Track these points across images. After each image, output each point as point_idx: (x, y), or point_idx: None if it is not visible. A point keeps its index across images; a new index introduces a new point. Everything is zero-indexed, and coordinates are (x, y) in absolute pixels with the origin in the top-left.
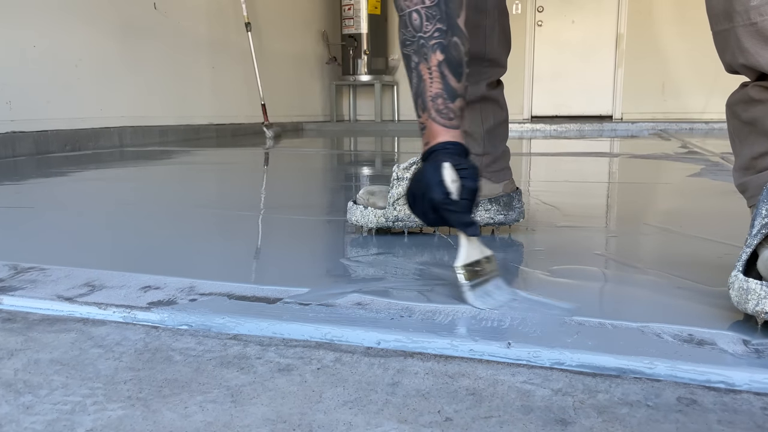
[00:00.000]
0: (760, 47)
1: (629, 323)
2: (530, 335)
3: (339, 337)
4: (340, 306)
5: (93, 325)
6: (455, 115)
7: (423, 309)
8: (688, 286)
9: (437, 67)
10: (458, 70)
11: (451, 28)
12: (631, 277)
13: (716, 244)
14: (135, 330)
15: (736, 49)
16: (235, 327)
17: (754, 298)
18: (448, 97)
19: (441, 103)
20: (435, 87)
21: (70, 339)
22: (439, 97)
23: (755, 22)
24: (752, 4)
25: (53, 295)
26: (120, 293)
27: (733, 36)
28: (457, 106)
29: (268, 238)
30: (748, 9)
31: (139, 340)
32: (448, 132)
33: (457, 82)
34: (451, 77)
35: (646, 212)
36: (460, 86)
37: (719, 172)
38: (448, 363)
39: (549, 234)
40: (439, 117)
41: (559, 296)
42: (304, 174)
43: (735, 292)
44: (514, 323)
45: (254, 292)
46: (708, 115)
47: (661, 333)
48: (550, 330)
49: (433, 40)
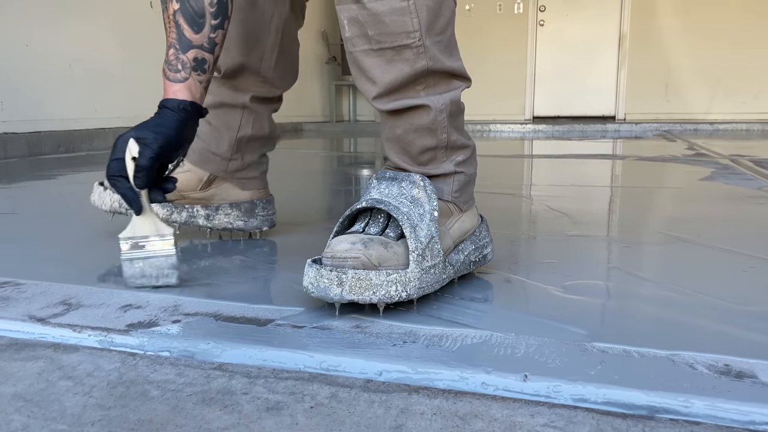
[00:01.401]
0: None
1: (657, 351)
2: (548, 365)
3: (335, 366)
4: (338, 329)
5: (65, 352)
6: (183, 66)
7: (428, 333)
8: (718, 306)
9: (173, 15)
10: (197, 20)
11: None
12: (653, 295)
13: (739, 256)
14: (110, 358)
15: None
16: (221, 354)
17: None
18: (181, 47)
19: (171, 54)
20: (170, 37)
21: (38, 368)
22: (171, 47)
23: (351, 52)
24: (347, 36)
25: (25, 315)
26: (98, 313)
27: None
28: (189, 57)
29: (261, 248)
30: (346, 39)
31: (114, 370)
32: (172, 86)
33: (194, 33)
34: (186, 27)
35: (660, 219)
36: (198, 37)
37: (731, 176)
38: (458, 400)
39: (559, 244)
40: (167, 69)
41: (576, 317)
42: (303, 176)
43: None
44: (529, 350)
45: (243, 312)
46: (712, 116)
47: (694, 363)
48: (571, 359)
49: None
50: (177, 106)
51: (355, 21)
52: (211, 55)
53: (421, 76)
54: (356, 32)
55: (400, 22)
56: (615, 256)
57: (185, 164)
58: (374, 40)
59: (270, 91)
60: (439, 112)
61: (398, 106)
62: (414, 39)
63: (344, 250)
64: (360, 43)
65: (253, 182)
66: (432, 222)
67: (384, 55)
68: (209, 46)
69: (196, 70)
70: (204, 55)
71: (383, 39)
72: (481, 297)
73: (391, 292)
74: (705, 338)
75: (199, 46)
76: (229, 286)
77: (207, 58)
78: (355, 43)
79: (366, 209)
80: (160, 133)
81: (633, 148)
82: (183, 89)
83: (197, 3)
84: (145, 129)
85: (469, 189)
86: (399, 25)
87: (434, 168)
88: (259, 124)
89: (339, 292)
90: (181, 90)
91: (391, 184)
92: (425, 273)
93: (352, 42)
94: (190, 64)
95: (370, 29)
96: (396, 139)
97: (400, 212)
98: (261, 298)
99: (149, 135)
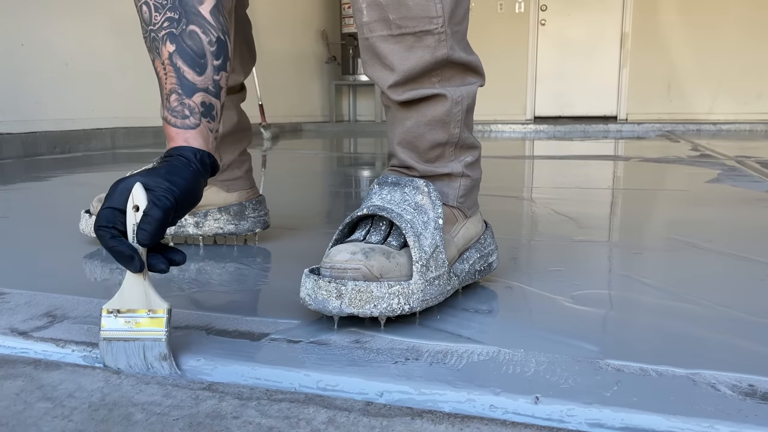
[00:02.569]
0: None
1: (676, 370)
2: (560, 386)
3: (333, 386)
4: (336, 344)
5: (45, 369)
6: (192, 112)
7: (432, 349)
8: (738, 319)
9: (169, 59)
10: (198, 61)
11: (185, 16)
12: (668, 307)
13: (754, 264)
14: (93, 376)
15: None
16: (212, 372)
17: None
18: (184, 92)
19: (174, 100)
20: (169, 82)
21: (16, 388)
22: (173, 93)
23: (367, 38)
24: (364, 21)
25: (6, 328)
26: (83, 326)
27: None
28: (196, 101)
29: (256, 255)
30: (362, 25)
31: (96, 390)
32: (182, 134)
33: (197, 75)
34: (187, 69)
35: (668, 224)
36: (201, 80)
37: (738, 178)
38: (465, 425)
39: (566, 250)
40: (172, 116)
41: (587, 330)
42: (302, 178)
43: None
44: (539, 369)
45: (236, 324)
46: (715, 116)
47: (716, 383)
48: (584, 379)
49: (162, 31)
50: (194, 155)
51: (376, 4)
52: (218, 101)
53: (439, 66)
54: (375, 16)
55: (424, 6)
56: (625, 263)
57: None
58: (395, 25)
59: (232, 79)
60: (455, 103)
61: (413, 96)
62: (437, 25)
63: (344, 260)
64: (378, 29)
65: (238, 183)
66: (437, 230)
67: (404, 41)
68: (215, 89)
69: (205, 116)
70: (211, 99)
71: (405, 24)
72: (486, 308)
73: (393, 305)
74: (726, 355)
75: (204, 89)
76: (222, 295)
77: (214, 103)
78: (372, 29)
79: (367, 216)
80: (176, 183)
81: (636, 149)
82: (197, 136)
83: (195, 43)
84: (155, 176)
85: (474, 194)
86: (423, 9)
87: (441, 166)
88: (230, 118)
89: (338, 305)
90: (195, 137)
91: (394, 189)
92: (429, 284)
93: (369, 27)
94: (198, 109)
95: (392, 13)
96: (405, 132)
97: (403, 220)
98: (255, 309)
99: (162, 184)
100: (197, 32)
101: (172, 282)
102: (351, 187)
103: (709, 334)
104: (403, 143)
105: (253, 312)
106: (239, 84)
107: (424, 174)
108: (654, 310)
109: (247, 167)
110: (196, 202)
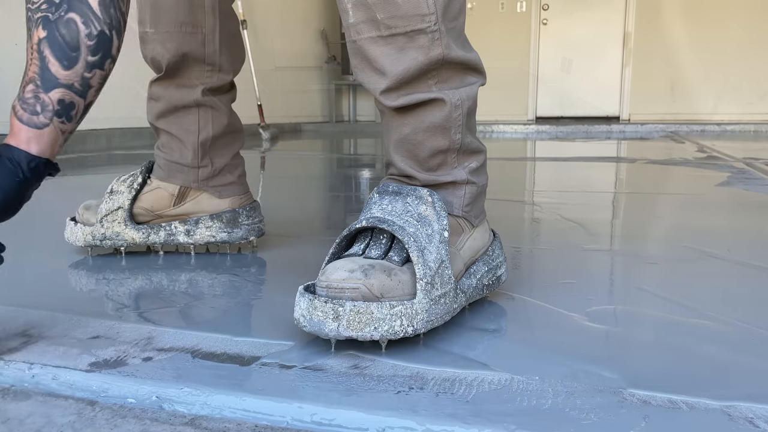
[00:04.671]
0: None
1: (709, 402)
2: (582, 422)
3: (329, 420)
4: (333, 371)
5: (14, 399)
6: (43, 108)
7: (438, 376)
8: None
9: (37, 45)
10: (68, 53)
11: (68, 1)
12: (693, 326)
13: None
14: (66, 408)
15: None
16: (195, 402)
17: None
18: (42, 84)
19: (30, 91)
20: (31, 71)
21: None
22: (31, 83)
23: (354, 41)
24: (350, 22)
25: None
26: (59, 348)
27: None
28: (53, 98)
29: (250, 265)
30: (349, 26)
31: (67, 425)
32: (25, 132)
33: (63, 69)
34: (53, 60)
35: (683, 231)
36: (67, 74)
37: (749, 181)
38: None
39: (577, 260)
40: (21, 107)
41: (606, 353)
42: (301, 181)
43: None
44: (557, 400)
45: (225, 346)
46: (719, 117)
47: (753, 418)
48: (608, 414)
49: (39, 13)
50: (27, 162)
51: (362, 4)
52: (82, 101)
53: (434, 67)
54: (362, 17)
55: (414, 3)
56: (640, 275)
57: (153, 181)
58: (384, 26)
59: (221, 79)
60: (454, 107)
61: (409, 102)
62: (429, 23)
63: (341, 278)
64: (366, 30)
65: (230, 188)
66: (442, 243)
67: (395, 43)
68: (81, 87)
69: (60, 116)
70: (73, 98)
71: (394, 23)
72: (494, 327)
73: (395, 327)
74: (764, 384)
75: (67, 85)
76: (211, 311)
77: (76, 103)
78: (360, 30)
79: (367, 228)
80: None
81: (641, 151)
82: (37, 139)
83: (71, 33)
84: None
85: (480, 201)
86: (413, 6)
87: (444, 174)
88: (220, 120)
89: (335, 328)
90: (36, 140)
91: (395, 199)
92: (434, 303)
93: (356, 29)
94: (53, 106)
95: (380, 12)
96: (402, 141)
97: (405, 233)
98: (246, 328)
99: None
100: (76, 21)
101: (162, 294)
102: (351, 191)
103: (740, 358)
104: (402, 151)
105: (245, 331)
106: (228, 83)
107: (425, 183)
108: (676, 330)
109: (240, 171)
110: (15, 212)
